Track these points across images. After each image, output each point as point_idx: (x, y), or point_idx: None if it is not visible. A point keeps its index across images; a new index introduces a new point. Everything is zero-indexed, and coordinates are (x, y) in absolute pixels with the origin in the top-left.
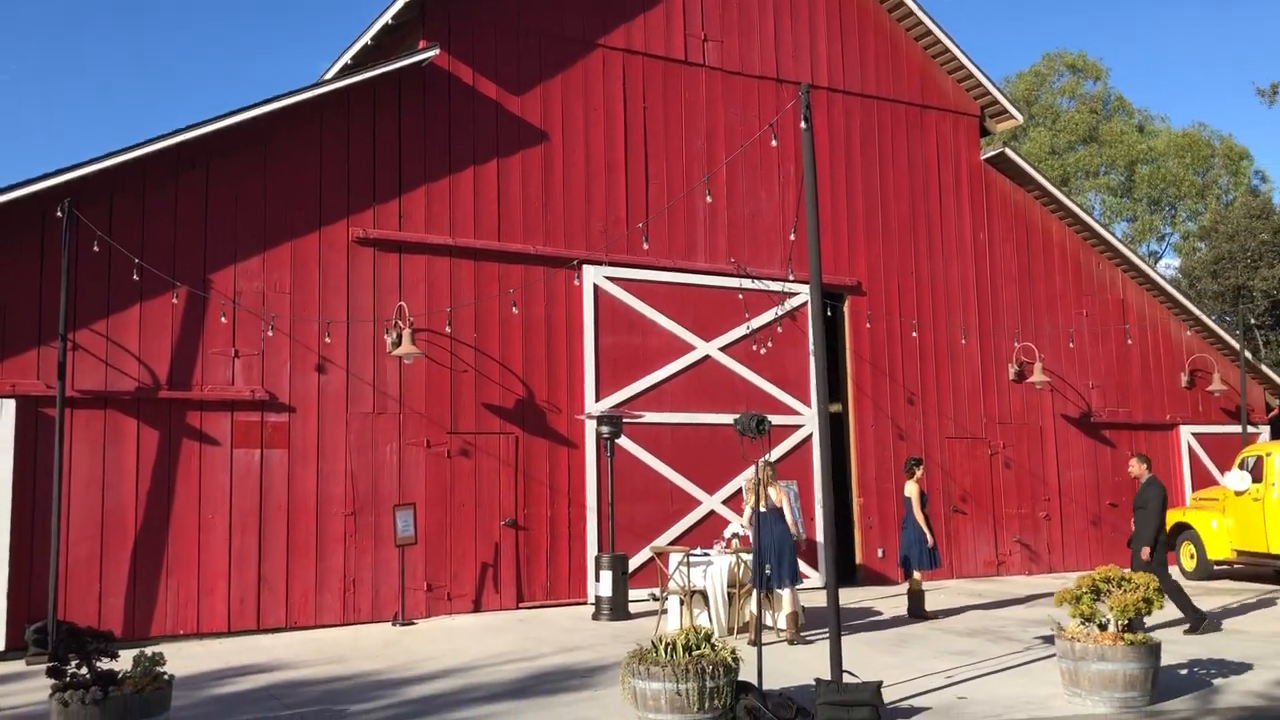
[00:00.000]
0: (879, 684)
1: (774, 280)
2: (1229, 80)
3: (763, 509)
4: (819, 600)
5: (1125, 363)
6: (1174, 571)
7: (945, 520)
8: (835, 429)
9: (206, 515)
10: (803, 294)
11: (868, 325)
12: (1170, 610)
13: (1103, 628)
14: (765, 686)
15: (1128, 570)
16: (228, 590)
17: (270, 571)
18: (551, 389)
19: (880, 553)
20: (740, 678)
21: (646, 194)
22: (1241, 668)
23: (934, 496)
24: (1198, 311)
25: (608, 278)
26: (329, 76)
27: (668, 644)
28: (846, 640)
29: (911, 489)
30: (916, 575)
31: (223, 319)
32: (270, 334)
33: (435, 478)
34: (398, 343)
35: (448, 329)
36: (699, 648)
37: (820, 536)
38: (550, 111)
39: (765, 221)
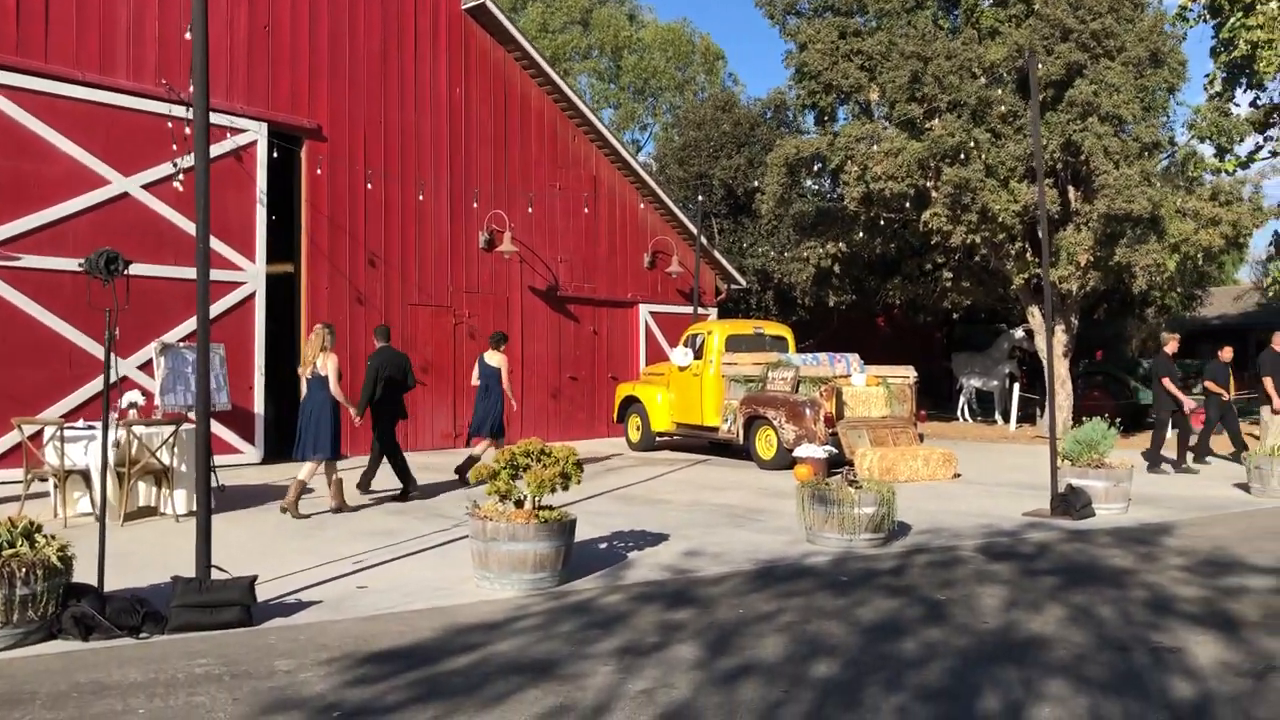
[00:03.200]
0: (252, 579)
1: (216, 112)
2: None
3: (309, 375)
4: (249, 478)
5: (594, 239)
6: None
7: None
8: (286, 290)
9: None
10: (252, 131)
11: (319, 172)
12: (615, 478)
13: (519, 505)
14: (121, 586)
15: (550, 444)
16: None
17: None
18: None
19: None
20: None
21: None
22: (658, 539)
23: None
24: (662, 195)
25: None
26: None
27: None
28: (259, 525)
29: (499, 359)
30: (488, 442)
31: None
32: None
33: None
34: None
35: None
36: (15, 545)
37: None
38: None
39: (211, 43)
